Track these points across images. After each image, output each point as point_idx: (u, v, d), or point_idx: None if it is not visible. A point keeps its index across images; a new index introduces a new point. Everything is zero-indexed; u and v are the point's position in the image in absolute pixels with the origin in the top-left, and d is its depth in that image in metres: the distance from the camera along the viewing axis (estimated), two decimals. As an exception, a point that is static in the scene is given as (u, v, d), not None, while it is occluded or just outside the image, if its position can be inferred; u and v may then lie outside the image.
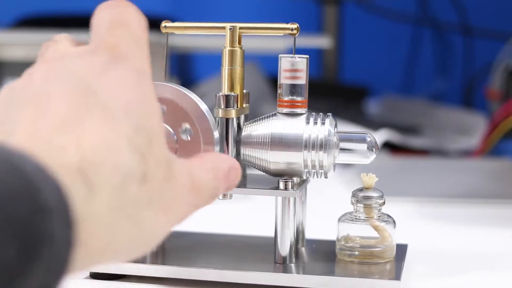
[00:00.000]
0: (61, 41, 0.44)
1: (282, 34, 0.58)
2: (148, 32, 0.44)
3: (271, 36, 0.59)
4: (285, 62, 0.57)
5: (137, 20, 0.43)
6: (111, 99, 0.38)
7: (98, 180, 0.35)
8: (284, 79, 0.57)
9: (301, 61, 0.57)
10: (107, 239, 0.36)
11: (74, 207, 0.33)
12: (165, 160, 0.39)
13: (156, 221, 0.39)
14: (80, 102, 0.37)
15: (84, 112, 0.37)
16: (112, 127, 0.37)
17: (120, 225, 0.36)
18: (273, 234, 0.58)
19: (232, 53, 0.57)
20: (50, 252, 0.32)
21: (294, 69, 0.56)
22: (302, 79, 0.57)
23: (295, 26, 0.56)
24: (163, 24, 0.58)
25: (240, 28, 0.57)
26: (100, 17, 0.45)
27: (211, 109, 0.56)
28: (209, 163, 0.44)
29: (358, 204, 0.59)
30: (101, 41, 0.43)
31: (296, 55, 0.57)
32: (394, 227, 0.59)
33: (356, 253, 0.58)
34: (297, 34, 0.57)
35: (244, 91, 0.58)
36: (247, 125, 0.58)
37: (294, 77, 0.57)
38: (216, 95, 0.57)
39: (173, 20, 0.59)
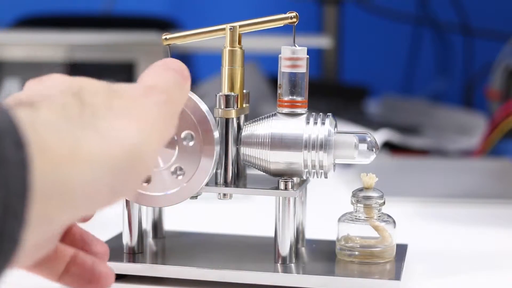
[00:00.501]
0: None
1: (282, 25, 0.57)
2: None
3: (271, 35, 0.59)
4: (285, 51, 0.57)
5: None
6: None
7: (40, 101, 0.39)
8: (284, 67, 0.57)
9: (302, 50, 0.57)
10: (73, 146, 0.37)
11: (23, 124, 0.34)
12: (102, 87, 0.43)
13: (124, 126, 0.40)
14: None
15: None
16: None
17: (80, 133, 0.38)
18: (273, 234, 0.58)
19: (232, 53, 0.57)
20: (5, 173, 0.32)
21: (294, 57, 0.56)
22: (303, 68, 0.57)
23: (293, 14, 0.56)
24: (164, 36, 0.58)
25: (240, 26, 0.57)
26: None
27: (211, 109, 0.56)
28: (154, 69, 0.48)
29: (358, 204, 0.59)
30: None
31: (296, 45, 0.57)
32: (394, 227, 0.59)
33: (356, 253, 0.58)
34: (296, 23, 0.57)
35: (244, 91, 0.58)
36: (247, 125, 0.58)
37: (294, 66, 0.57)
38: (216, 95, 0.57)
39: (173, 21, 0.59)
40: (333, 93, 1.45)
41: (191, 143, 0.55)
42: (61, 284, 0.49)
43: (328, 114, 0.57)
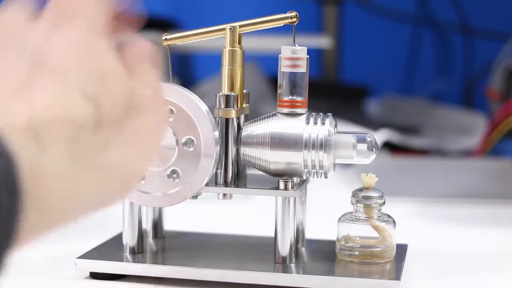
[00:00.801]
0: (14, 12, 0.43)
1: (282, 24, 0.57)
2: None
3: (271, 35, 0.59)
4: (285, 51, 0.57)
5: None
6: (61, 61, 0.38)
7: (49, 136, 0.35)
8: (284, 67, 0.57)
9: (302, 50, 0.57)
10: (70, 191, 0.36)
11: (22, 170, 0.33)
12: (123, 95, 0.40)
13: (125, 158, 0.39)
14: (31, 72, 0.38)
15: (36, 80, 0.37)
16: (64, 84, 0.37)
17: (81, 175, 0.37)
18: (273, 234, 0.58)
19: (232, 53, 0.57)
20: None
21: (294, 57, 0.56)
22: (303, 68, 0.57)
23: (293, 14, 0.56)
24: (164, 36, 0.58)
25: (240, 26, 0.57)
26: None
27: (211, 109, 0.56)
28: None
29: (358, 204, 0.59)
30: (51, 4, 0.43)
31: (296, 44, 0.57)
32: (394, 227, 0.59)
33: (356, 253, 0.58)
34: (296, 22, 0.57)
35: (244, 91, 0.58)
36: (247, 125, 0.58)
37: (294, 65, 0.57)
38: (216, 95, 0.57)
39: (173, 21, 0.59)
40: (333, 93, 1.45)
41: (191, 148, 0.55)
42: None
43: (328, 114, 0.57)
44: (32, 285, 0.58)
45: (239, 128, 0.58)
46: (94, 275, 0.58)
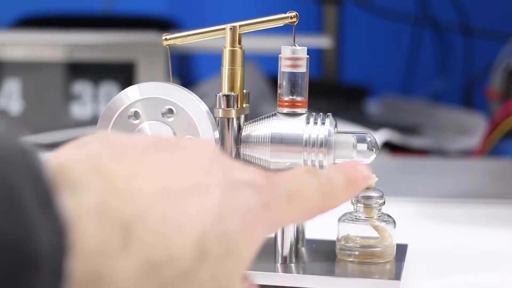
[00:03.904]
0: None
1: (282, 24, 0.57)
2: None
3: (271, 35, 0.59)
4: (285, 51, 0.57)
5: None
6: (226, 199, 0.36)
7: (137, 243, 0.33)
8: (284, 67, 0.57)
9: (302, 49, 0.57)
10: None
11: (91, 259, 0.31)
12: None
13: None
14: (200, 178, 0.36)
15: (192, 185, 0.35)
16: (199, 214, 0.35)
17: None
18: (273, 234, 0.57)
19: (232, 53, 0.57)
20: None
21: (294, 57, 0.56)
22: (303, 67, 0.57)
23: (293, 14, 0.56)
24: (164, 36, 0.58)
25: (240, 26, 0.57)
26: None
27: (211, 109, 0.56)
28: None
29: (358, 204, 0.59)
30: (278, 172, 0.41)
31: (296, 44, 0.57)
32: (394, 227, 0.59)
33: (356, 253, 0.58)
34: (296, 22, 0.57)
35: (244, 91, 0.58)
36: (247, 125, 0.58)
37: (294, 65, 0.57)
38: (216, 95, 0.57)
39: (173, 21, 0.59)
40: (333, 93, 1.45)
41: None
42: None
43: (328, 114, 0.57)
44: None
45: (239, 128, 0.58)
46: (94, 275, 0.58)
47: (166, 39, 0.58)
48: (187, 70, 1.71)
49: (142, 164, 0.35)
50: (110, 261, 0.32)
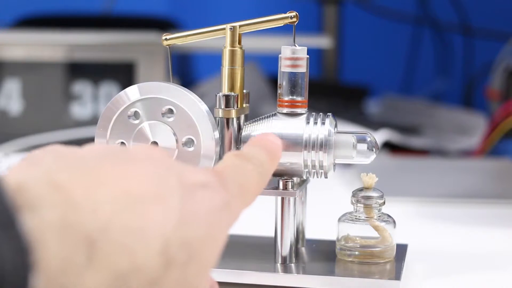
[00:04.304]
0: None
1: (282, 24, 0.57)
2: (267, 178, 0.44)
3: (271, 35, 0.59)
4: (285, 51, 0.57)
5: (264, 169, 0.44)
6: (186, 204, 0.37)
7: (102, 257, 0.33)
8: (284, 67, 0.57)
9: (302, 49, 0.57)
10: None
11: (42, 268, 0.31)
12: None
13: None
14: (159, 185, 0.36)
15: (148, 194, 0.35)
16: (161, 221, 0.35)
17: None
18: (273, 234, 0.58)
19: (232, 53, 0.57)
20: None
21: (294, 57, 0.56)
22: (303, 67, 0.57)
23: (293, 14, 0.56)
24: (164, 36, 0.58)
25: (240, 26, 0.57)
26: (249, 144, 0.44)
27: (211, 109, 0.56)
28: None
29: (358, 204, 0.59)
30: (218, 166, 0.42)
31: (296, 44, 0.57)
32: (394, 227, 0.59)
33: (356, 253, 0.58)
34: (296, 22, 0.56)
35: (244, 91, 0.58)
36: (247, 125, 0.58)
37: (294, 65, 0.57)
38: (216, 95, 0.57)
39: (173, 21, 0.59)
40: (333, 93, 1.45)
41: (191, 148, 0.55)
42: None
43: (328, 114, 0.57)
44: (32, 285, 0.58)
45: (239, 128, 0.58)
46: (94, 275, 0.58)
47: (166, 39, 0.58)
48: (187, 70, 1.71)
49: (98, 175, 0.35)
50: (76, 278, 0.32)
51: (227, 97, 0.57)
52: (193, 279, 0.37)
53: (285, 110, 0.57)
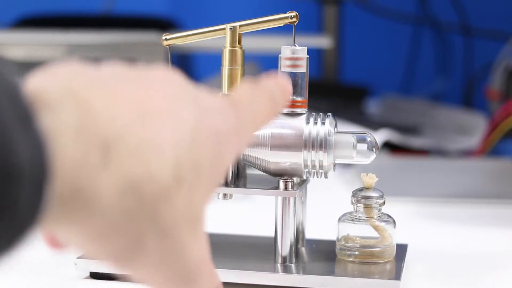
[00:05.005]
0: None
1: (282, 24, 0.57)
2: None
3: (271, 35, 0.59)
4: (285, 51, 0.57)
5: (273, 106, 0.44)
6: (199, 124, 0.37)
7: (117, 162, 0.33)
8: (284, 67, 0.57)
9: (302, 49, 0.57)
10: (110, 222, 0.34)
11: (82, 172, 0.32)
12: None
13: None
14: (174, 101, 0.37)
15: (165, 106, 0.36)
16: (175, 138, 0.36)
17: (130, 218, 0.34)
18: (273, 234, 0.58)
19: (232, 53, 0.57)
20: (12, 218, 0.30)
21: (294, 57, 0.56)
22: (303, 67, 0.57)
23: (293, 14, 0.56)
24: (164, 36, 0.58)
25: (240, 26, 0.57)
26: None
27: (211, 109, 0.56)
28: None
29: (358, 204, 0.59)
30: (234, 93, 0.43)
31: (296, 44, 0.57)
32: (394, 227, 0.59)
33: (356, 253, 0.58)
34: (296, 22, 0.56)
35: (244, 91, 0.58)
36: (247, 125, 0.58)
37: (294, 65, 0.57)
38: (216, 95, 0.57)
39: (173, 21, 0.59)
40: (333, 93, 1.45)
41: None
42: None
43: (328, 114, 0.57)
44: (32, 285, 0.58)
45: (239, 128, 0.57)
46: (94, 275, 0.58)
47: (166, 39, 0.58)
48: (187, 70, 1.71)
49: (115, 89, 0.35)
50: (90, 178, 0.33)
51: (227, 97, 0.57)
52: (199, 204, 0.37)
53: (285, 110, 0.57)
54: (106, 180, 0.33)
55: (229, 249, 0.61)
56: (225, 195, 0.58)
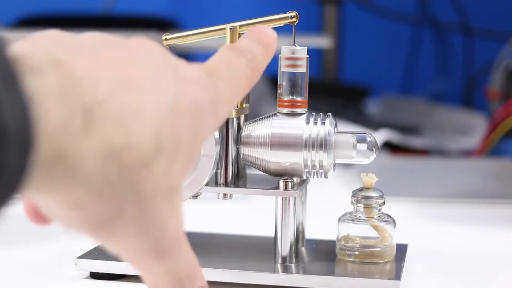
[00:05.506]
0: None
1: (282, 24, 0.57)
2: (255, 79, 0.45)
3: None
4: (285, 51, 0.57)
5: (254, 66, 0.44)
6: (178, 95, 0.38)
7: (99, 128, 0.34)
8: (284, 67, 0.57)
9: (302, 49, 0.57)
10: (92, 187, 0.34)
11: (63, 135, 0.32)
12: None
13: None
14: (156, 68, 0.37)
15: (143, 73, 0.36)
16: (156, 106, 0.36)
17: (110, 184, 0.35)
18: (273, 234, 0.58)
19: (232, 53, 0.57)
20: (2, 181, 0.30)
21: (294, 57, 0.56)
22: (303, 67, 0.57)
23: (293, 14, 0.56)
24: (164, 36, 0.58)
25: (240, 26, 0.57)
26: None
27: (211, 109, 0.56)
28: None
29: (358, 204, 0.59)
30: (211, 60, 0.44)
31: (296, 44, 0.57)
32: (394, 227, 0.59)
33: (356, 253, 0.58)
34: (296, 22, 0.56)
35: (244, 91, 0.58)
36: (247, 125, 0.58)
37: (294, 65, 0.57)
38: (216, 95, 0.57)
39: (173, 21, 0.59)
40: (333, 93, 1.45)
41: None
42: None
43: (328, 114, 0.57)
44: (32, 285, 0.58)
45: (239, 128, 0.58)
46: (94, 275, 0.58)
47: (166, 39, 0.58)
48: (187, 70, 1.70)
49: (97, 57, 0.36)
50: (73, 141, 0.33)
51: (227, 97, 0.57)
52: (177, 172, 0.38)
53: (285, 110, 0.57)
54: (89, 146, 0.34)
55: (229, 249, 0.61)
56: (225, 195, 0.58)
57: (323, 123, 0.56)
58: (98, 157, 0.34)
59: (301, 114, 0.57)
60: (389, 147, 1.11)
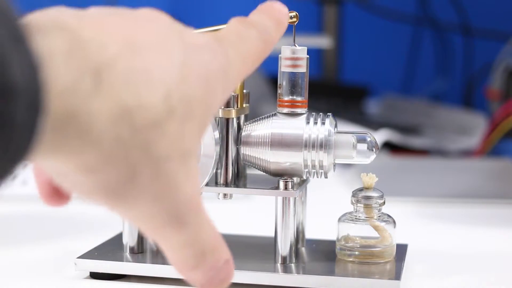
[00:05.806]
0: None
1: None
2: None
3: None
4: (285, 51, 0.57)
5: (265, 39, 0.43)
6: (187, 61, 0.37)
7: (108, 88, 0.34)
8: (284, 67, 0.57)
9: (302, 49, 0.57)
10: (103, 148, 0.34)
11: (75, 96, 0.32)
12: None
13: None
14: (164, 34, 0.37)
15: (157, 40, 0.36)
16: (166, 70, 0.36)
17: (122, 146, 0.34)
18: (273, 234, 0.58)
19: (232, 53, 0.57)
20: (8, 137, 0.29)
21: (294, 57, 0.56)
22: (303, 67, 0.57)
23: (293, 14, 0.56)
24: None
25: (240, 27, 0.57)
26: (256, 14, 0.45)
27: (211, 109, 0.56)
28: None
29: (358, 204, 0.59)
30: (221, 31, 0.43)
31: (296, 44, 0.57)
32: (394, 227, 0.59)
33: (356, 253, 0.58)
34: (296, 22, 0.56)
35: (244, 91, 0.58)
36: (247, 125, 0.58)
37: (294, 65, 0.57)
38: (216, 95, 0.57)
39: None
40: (333, 93, 1.45)
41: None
42: None
43: (328, 114, 0.57)
44: (32, 285, 0.58)
45: (239, 128, 0.58)
46: (94, 275, 0.58)
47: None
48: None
49: (104, 23, 0.36)
50: (83, 101, 0.33)
51: (227, 97, 0.57)
52: (191, 135, 0.37)
53: (285, 110, 0.57)
54: (99, 106, 0.33)
55: (229, 249, 0.61)
56: (225, 195, 0.58)
57: (323, 123, 0.56)
58: (109, 117, 0.34)
59: (301, 114, 0.57)
60: (389, 147, 1.11)
